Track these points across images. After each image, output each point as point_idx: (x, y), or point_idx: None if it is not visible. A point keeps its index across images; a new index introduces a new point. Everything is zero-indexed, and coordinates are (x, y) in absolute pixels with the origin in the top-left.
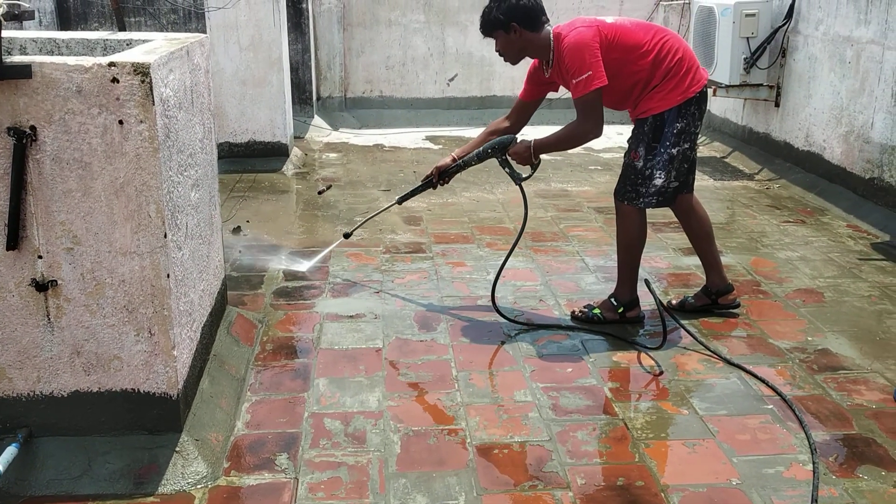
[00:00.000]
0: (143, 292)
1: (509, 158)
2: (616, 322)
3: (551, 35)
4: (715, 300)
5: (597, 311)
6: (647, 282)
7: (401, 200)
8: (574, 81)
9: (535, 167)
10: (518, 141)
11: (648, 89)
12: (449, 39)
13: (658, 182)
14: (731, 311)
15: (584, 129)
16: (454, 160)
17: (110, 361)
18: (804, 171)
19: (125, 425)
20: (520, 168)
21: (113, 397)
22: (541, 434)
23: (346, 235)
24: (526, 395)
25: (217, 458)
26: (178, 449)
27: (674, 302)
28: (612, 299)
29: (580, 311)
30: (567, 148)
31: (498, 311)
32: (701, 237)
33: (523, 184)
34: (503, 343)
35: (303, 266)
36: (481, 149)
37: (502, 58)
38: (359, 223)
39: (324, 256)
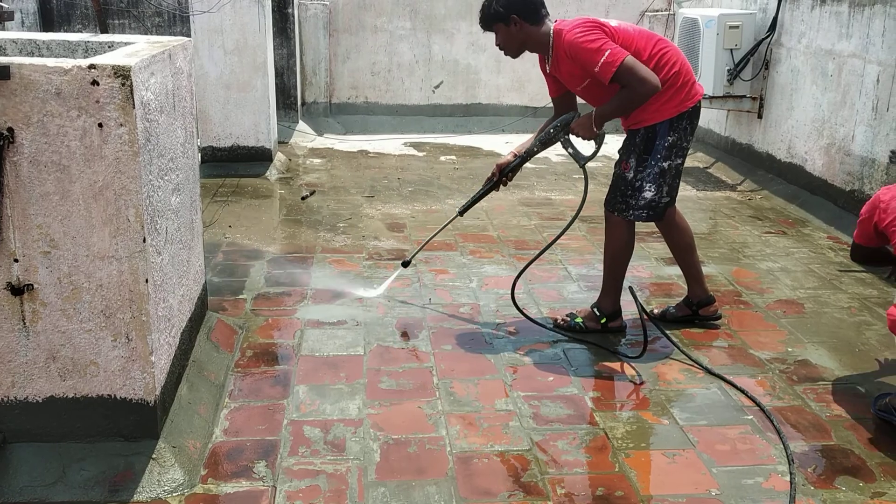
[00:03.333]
0: (121, 297)
1: (572, 138)
2: (598, 332)
3: (552, 30)
4: (696, 311)
5: (579, 320)
6: (631, 289)
7: (463, 211)
8: (598, 68)
9: (599, 143)
10: (579, 116)
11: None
12: (435, 47)
13: (648, 195)
14: (712, 322)
15: (641, 91)
16: (515, 156)
17: (87, 367)
18: (786, 183)
19: (101, 432)
20: (583, 150)
21: (89, 403)
22: (521, 443)
23: (405, 264)
24: (507, 404)
25: (194, 466)
26: (154, 456)
27: (656, 312)
28: (595, 309)
29: (563, 320)
30: (630, 110)
31: (519, 310)
32: (683, 248)
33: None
34: (484, 352)
35: (375, 291)
36: (543, 133)
37: (503, 52)
38: (420, 246)
39: (389, 283)
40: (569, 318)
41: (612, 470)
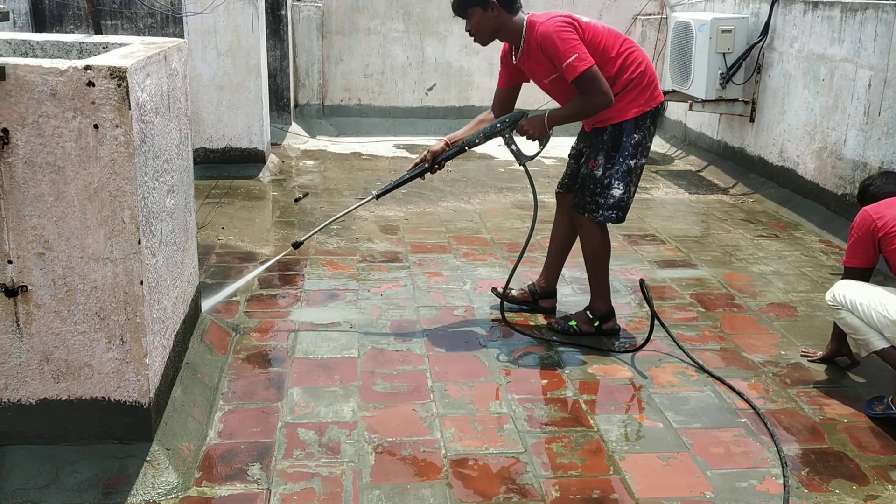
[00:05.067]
0: (116, 299)
1: (515, 136)
2: (592, 335)
3: (525, 22)
4: (537, 300)
5: (573, 322)
6: (642, 282)
7: (380, 194)
8: (563, 65)
9: (543, 144)
10: (528, 115)
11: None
12: (428, 49)
13: (617, 193)
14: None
15: (594, 102)
16: (448, 144)
17: (80, 369)
18: (778, 186)
19: (94, 434)
20: (526, 149)
21: (82, 405)
22: (516, 446)
23: (296, 245)
24: (501, 407)
25: (188, 468)
26: (148, 458)
27: (499, 290)
28: (588, 312)
29: (556, 323)
30: (582, 118)
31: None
32: (569, 239)
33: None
34: (479, 354)
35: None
36: (489, 126)
37: (473, 38)
38: (317, 228)
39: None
40: (562, 321)
41: (606, 472)
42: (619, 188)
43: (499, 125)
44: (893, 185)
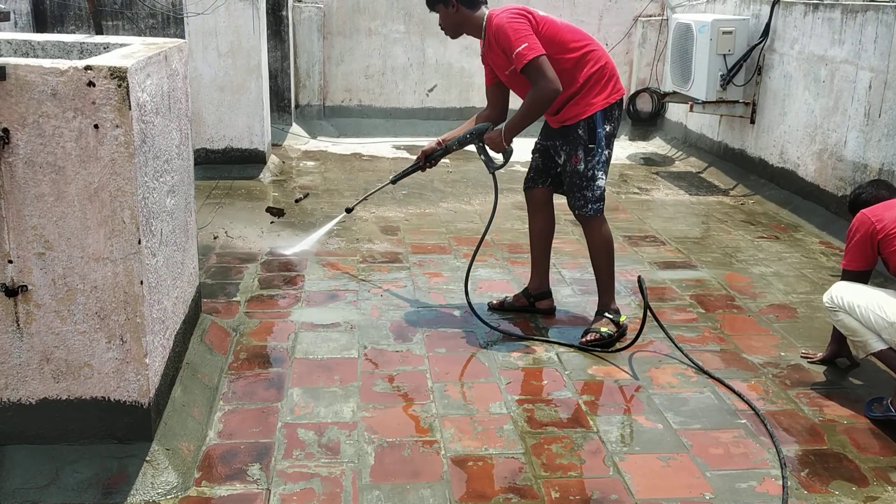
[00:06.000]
0: (116, 299)
1: (486, 146)
2: (620, 334)
3: (486, 17)
4: (533, 303)
5: (604, 330)
6: (640, 279)
7: (395, 180)
8: (514, 55)
9: (507, 155)
10: (493, 128)
11: (569, 93)
12: (429, 50)
13: (601, 183)
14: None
15: (540, 92)
16: (440, 143)
17: (80, 369)
18: (778, 188)
19: (94, 434)
20: (496, 157)
21: (82, 405)
22: (515, 446)
23: (349, 210)
24: (501, 408)
25: (188, 468)
26: (148, 458)
27: (494, 303)
28: (606, 314)
29: (592, 338)
30: (536, 116)
31: (474, 312)
32: (547, 234)
33: (497, 173)
34: (478, 355)
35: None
36: (461, 134)
37: (443, 31)
38: (360, 199)
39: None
40: (595, 334)
41: (606, 473)
42: (601, 178)
43: (468, 136)
44: (885, 189)
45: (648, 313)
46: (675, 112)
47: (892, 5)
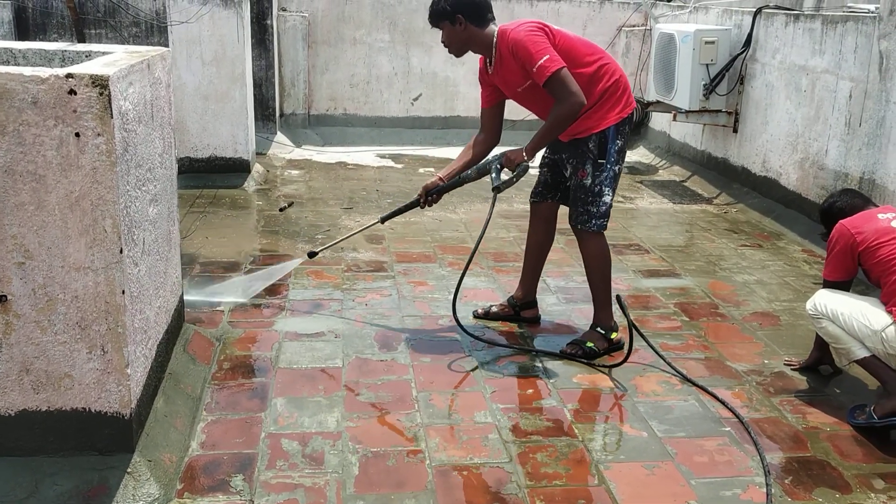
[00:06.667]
0: (97, 309)
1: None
2: (608, 349)
3: (496, 33)
4: (518, 312)
5: (590, 344)
6: (618, 297)
7: (385, 219)
8: (535, 67)
9: (522, 171)
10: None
11: (585, 108)
12: (414, 59)
13: (607, 199)
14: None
15: (567, 106)
16: (441, 179)
17: (61, 380)
18: (761, 196)
19: (75, 445)
20: (504, 175)
21: (63, 417)
22: (500, 455)
23: (312, 255)
24: (486, 417)
25: (170, 480)
26: (129, 470)
27: (479, 312)
28: (598, 329)
29: (572, 348)
30: (561, 131)
31: (460, 325)
32: (543, 248)
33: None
34: (463, 364)
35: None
36: (483, 163)
37: (447, 49)
38: (330, 244)
39: (284, 275)
40: (579, 346)
41: (591, 482)
42: (608, 194)
43: (491, 166)
44: (858, 198)
45: (634, 332)
46: (658, 121)
47: (871, 16)
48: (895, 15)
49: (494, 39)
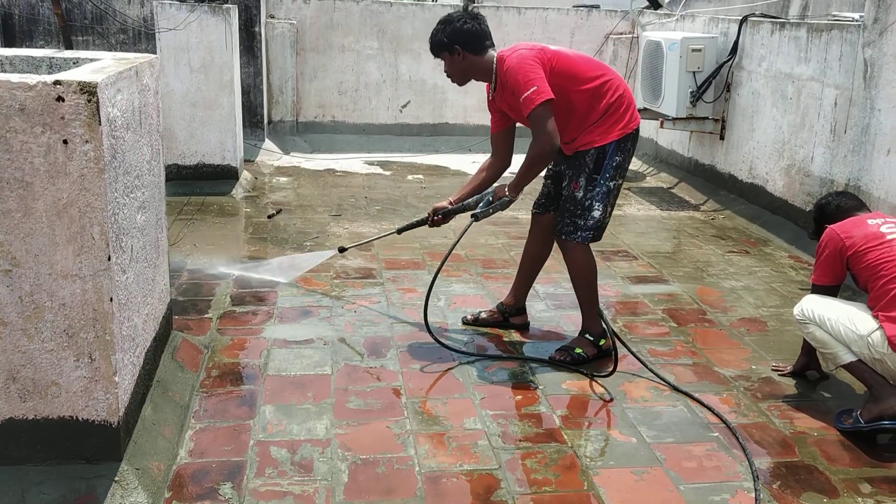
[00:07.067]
0: (85, 316)
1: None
2: (598, 357)
3: (495, 59)
4: (507, 318)
5: (579, 350)
6: (599, 311)
7: (400, 230)
8: (521, 98)
9: (503, 205)
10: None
11: (588, 123)
12: (402, 66)
13: (596, 214)
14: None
15: (539, 146)
16: (451, 203)
17: (48, 388)
18: (748, 203)
19: (62, 454)
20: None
21: (50, 425)
22: (490, 462)
23: (342, 250)
24: (475, 423)
25: (158, 488)
26: (117, 478)
27: (468, 318)
28: (587, 335)
29: (561, 355)
30: (538, 170)
31: (430, 333)
32: (539, 259)
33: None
34: (452, 371)
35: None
36: (485, 202)
37: (450, 79)
38: (359, 242)
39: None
40: (567, 352)
41: (580, 488)
42: (598, 209)
43: (489, 203)
44: (851, 200)
45: (618, 339)
46: (645, 128)
47: (855, 24)
48: (879, 23)
49: (494, 66)
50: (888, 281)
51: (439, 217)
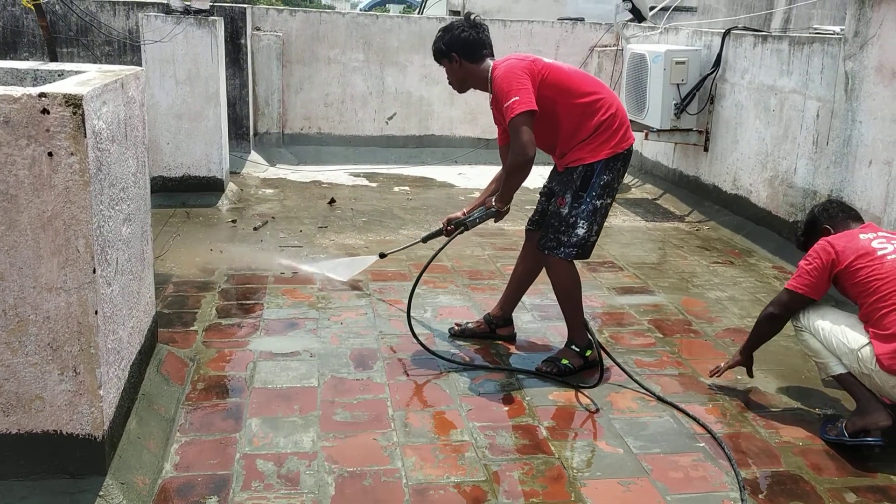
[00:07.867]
0: (69, 329)
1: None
2: (584, 367)
3: (490, 68)
4: (494, 329)
5: (565, 361)
6: (585, 323)
7: (425, 239)
8: (504, 107)
9: (482, 216)
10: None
11: (578, 140)
12: (388, 78)
13: (580, 232)
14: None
15: (513, 157)
16: (464, 213)
17: (31, 402)
18: (732, 214)
19: (46, 469)
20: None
21: (33, 439)
22: (477, 474)
23: (382, 255)
24: (462, 435)
25: (143, 503)
26: (101, 493)
27: (455, 329)
28: (573, 346)
29: (547, 366)
30: (517, 180)
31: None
32: (531, 275)
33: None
34: (439, 383)
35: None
36: (479, 210)
37: (451, 86)
38: (400, 248)
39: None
40: (554, 363)
41: (567, 499)
42: (583, 227)
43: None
44: (847, 212)
45: (603, 350)
46: None
47: (836, 37)
48: (860, 36)
49: (489, 75)
50: (878, 299)
51: (451, 227)
